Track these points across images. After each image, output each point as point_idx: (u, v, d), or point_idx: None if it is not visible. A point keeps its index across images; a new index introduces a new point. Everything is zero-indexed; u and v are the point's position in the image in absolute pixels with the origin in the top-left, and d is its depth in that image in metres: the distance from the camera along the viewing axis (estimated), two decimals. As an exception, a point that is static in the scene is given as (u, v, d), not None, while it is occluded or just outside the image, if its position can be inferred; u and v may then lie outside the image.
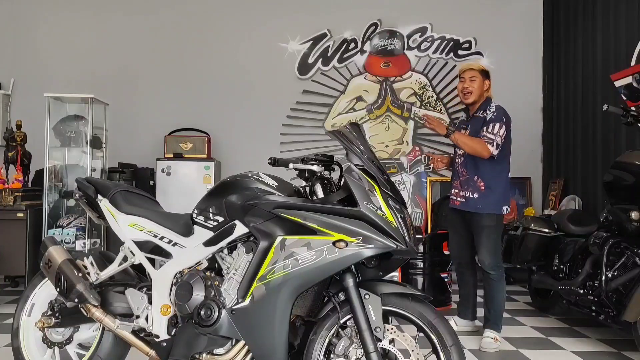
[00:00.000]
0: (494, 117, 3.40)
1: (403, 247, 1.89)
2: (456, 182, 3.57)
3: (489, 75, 3.55)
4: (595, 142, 4.95)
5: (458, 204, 3.52)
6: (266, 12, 6.12)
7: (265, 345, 1.95)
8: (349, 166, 1.99)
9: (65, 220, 4.76)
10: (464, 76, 3.52)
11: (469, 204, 3.45)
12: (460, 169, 3.54)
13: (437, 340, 1.89)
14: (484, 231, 3.43)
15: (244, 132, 6.03)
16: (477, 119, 3.49)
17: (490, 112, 3.43)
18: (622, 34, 4.60)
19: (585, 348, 3.43)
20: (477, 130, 3.44)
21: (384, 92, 6.09)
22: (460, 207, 3.51)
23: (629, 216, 3.16)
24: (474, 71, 3.50)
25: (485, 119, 3.42)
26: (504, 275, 3.50)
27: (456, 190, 3.56)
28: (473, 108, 3.55)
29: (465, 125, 3.58)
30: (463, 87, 3.51)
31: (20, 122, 4.90)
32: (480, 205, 3.41)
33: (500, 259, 3.49)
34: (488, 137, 3.35)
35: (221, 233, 2.11)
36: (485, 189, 3.41)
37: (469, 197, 3.45)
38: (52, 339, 2.45)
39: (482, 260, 3.45)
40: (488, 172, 3.42)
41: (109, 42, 6.09)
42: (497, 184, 3.43)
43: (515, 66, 6.01)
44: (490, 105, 3.48)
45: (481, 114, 3.48)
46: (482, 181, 3.42)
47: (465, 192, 3.47)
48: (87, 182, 2.54)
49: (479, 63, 3.60)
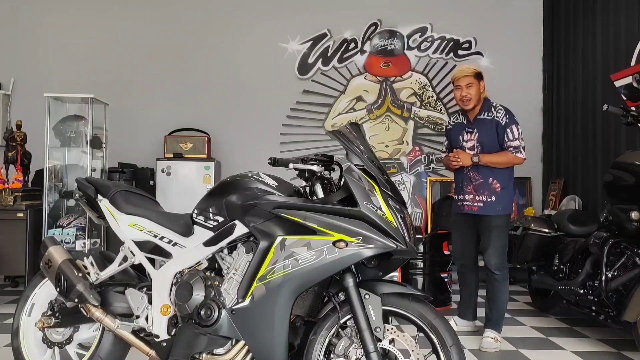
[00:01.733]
0: (507, 120, 3.40)
1: (403, 247, 1.88)
2: (469, 187, 3.47)
3: (483, 76, 3.53)
4: (595, 142, 4.95)
5: (476, 209, 3.44)
6: (266, 12, 6.12)
7: (265, 345, 1.95)
8: (349, 166, 1.98)
9: (65, 220, 4.76)
10: (459, 84, 3.48)
11: (489, 207, 3.40)
12: (471, 174, 3.47)
13: (437, 340, 1.89)
14: (494, 231, 3.40)
15: (244, 132, 6.03)
16: (484, 121, 3.46)
17: (501, 114, 3.42)
18: (622, 34, 4.60)
19: (585, 348, 3.43)
20: (489, 132, 3.42)
21: (384, 92, 6.09)
22: (480, 212, 3.44)
23: (629, 216, 3.16)
24: (469, 77, 3.45)
25: (497, 122, 3.40)
26: (508, 276, 3.48)
27: (470, 195, 3.46)
28: (473, 110, 3.52)
29: (471, 129, 3.51)
30: (461, 95, 3.47)
31: (20, 122, 4.90)
32: (499, 207, 3.40)
33: (506, 260, 3.47)
34: (514, 147, 3.37)
35: (221, 233, 2.11)
36: (501, 189, 3.40)
37: (487, 200, 3.41)
38: (52, 339, 2.45)
39: (488, 260, 3.42)
40: (502, 172, 3.43)
41: (109, 42, 6.09)
42: (510, 181, 3.47)
43: (515, 66, 6.01)
44: (494, 105, 3.47)
45: (487, 116, 3.45)
46: (497, 182, 3.41)
47: (482, 196, 3.42)
48: (87, 182, 2.54)
49: (470, 67, 3.57)
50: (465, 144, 3.52)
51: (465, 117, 3.60)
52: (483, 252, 3.49)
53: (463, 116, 3.62)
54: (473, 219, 3.50)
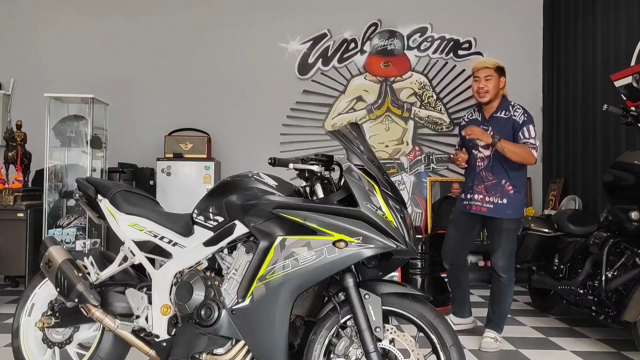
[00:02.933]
0: (526, 119, 3.31)
1: (403, 247, 1.88)
2: (479, 187, 3.39)
3: (505, 72, 3.42)
4: (595, 142, 4.95)
5: (485, 210, 3.37)
6: (266, 12, 6.12)
7: (265, 345, 1.95)
8: (349, 166, 1.98)
9: (65, 220, 4.76)
10: (478, 75, 3.38)
11: (498, 210, 3.33)
12: (484, 173, 3.39)
13: (437, 340, 1.90)
14: (504, 235, 3.35)
15: (244, 132, 6.03)
16: (500, 119, 3.38)
17: (519, 113, 3.33)
18: (622, 34, 4.60)
19: (585, 348, 3.43)
20: (504, 131, 3.32)
21: (384, 92, 6.09)
22: (488, 214, 3.36)
23: (629, 216, 3.16)
24: (489, 69, 3.35)
25: (514, 121, 3.32)
26: (514, 279, 3.43)
27: (480, 195, 3.38)
28: (489, 107, 3.43)
29: (486, 126, 3.41)
30: (478, 87, 3.36)
31: (20, 122, 4.90)
32: (510, 211, 3.32)
33: (513, 263, 3.42)
34: (531, 143, 3.28)
35: (221, 233, 2.11)
36: (514, 192, 3.33)
37: (497, 202, 3.33)
38: (52, 339, 2.45)
39: (495, 262, 3.37)
40: (516, 174, 3.35)
41: (109, 42, 6.09)
42: (523, 185, 3.40)
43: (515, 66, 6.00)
44: (512, 104, 3.40)
45: (504, 114, 3.37)
46: (511, 185, 3.34)
47: (493, 198, 3.34)
48: (87, 182, 2.54)
49: (493, 59, 3.46)
50: (479, 141, 3.40)
51: (480, 114, 3.50)
52: (490, 254, 3.46)
53: (478, 112, 3.52)
54: (478, 220, 3.45)
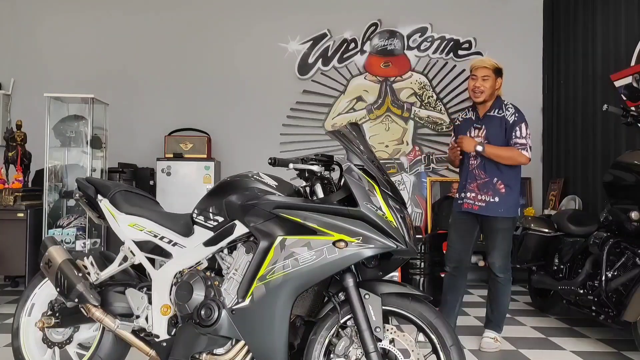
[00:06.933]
0: (517, 118, 3.31)
1: (403, 247, 1.88)
2: (472, 185, 3.39)
3: (502, 73, 3.43)
4: (595, 142, 4.95)
5: (477, 209, 3.36)
6: (266, 12, 6.12)
7: (265, 345, 1.95)
8: (349, 166, 1.98)
9: (65, 220, 4.76)
10: (476, 74, 3.38)
11: (490, 208, 3.33)
12: (476, 172, 3.39)
13: (437, 340, 1.89)
14: (499, 234, 3.35)
15: (244, 132, 6.03)
16: (493, 118, 3.39)
17: (510, 112, 3.34)
18: (622, 34, 4.60)
19: (585, 348, 3.43)
20: (497, 130, 3.34)
21: (384, 92, 6.09)
22: (480, 212, 3.36)
23: (629, 216, 3.16)
24: (487, 70, 3.35)
25: (506, 120, 3.32)
26: (511, 279, 3.43)
27: (472, 193, 3.38)
28: (483, 106, 3.44)
29: (479, 125, 3.43)
30: (474, 85, 3.37)
31: (20, 122, 4.90)
32: (502, 209, 3.32)
33: (509, 263, 3.42)
34: (521, 144, 3.28)
35: (221, 233, 2.11)
36: (506, 190, 3.33)
37: (489, 201, 3.33)
38: (52, 339, 2.45)
39: (492, 262, 3.37)
40: (508, 172, 3.35)
41: (109, 42, 6.09)
42: (516, 183, 3.40)
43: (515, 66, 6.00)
44: (505, 103, 3.40)
45: (497, 113, 3.38)
46: (502, 183, 3.34)
47: (485, 196, 3.35)
48: (87, 182, 2.54)
49: (492, 60, 3.45)
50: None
51: (474, 113, 3.51)
52: (487, 254, 3.46)
53: (473, 112, 3.53)
54: (476, 220, 3.44)
